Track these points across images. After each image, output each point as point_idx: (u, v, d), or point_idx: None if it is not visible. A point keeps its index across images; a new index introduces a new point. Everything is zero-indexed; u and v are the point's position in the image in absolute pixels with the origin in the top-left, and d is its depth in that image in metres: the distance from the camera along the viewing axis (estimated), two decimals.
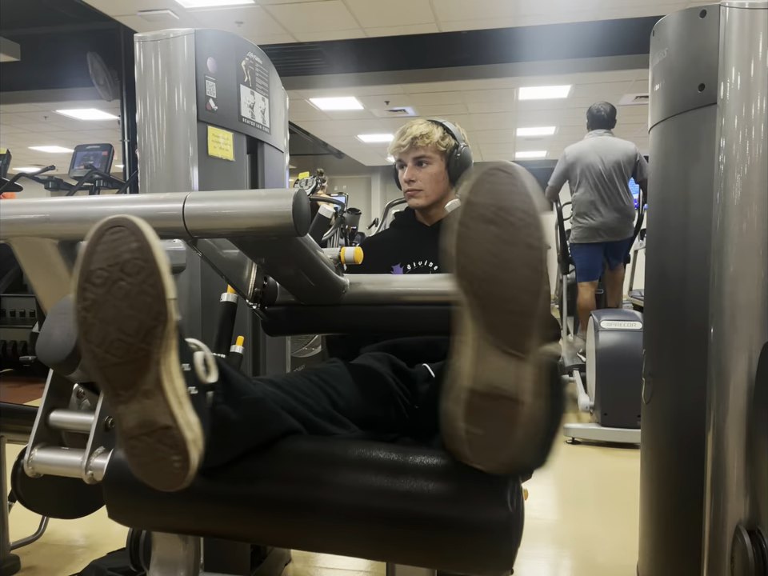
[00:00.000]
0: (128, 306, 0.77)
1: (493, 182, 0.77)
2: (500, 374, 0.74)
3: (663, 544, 1.61)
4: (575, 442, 3.30)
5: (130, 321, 0.77)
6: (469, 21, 5.55)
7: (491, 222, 0.76)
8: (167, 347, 0.79)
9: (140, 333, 0.77)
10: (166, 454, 0.80)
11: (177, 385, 0.80)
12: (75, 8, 5.43)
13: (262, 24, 5.49)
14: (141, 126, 1.47)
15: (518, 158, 12.17)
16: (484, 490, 0.86)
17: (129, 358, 0.78)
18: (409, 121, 1.69)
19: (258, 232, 0.93)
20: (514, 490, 0.87)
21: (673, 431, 1.55)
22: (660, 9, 4.54)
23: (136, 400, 0.79)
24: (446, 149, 1.65)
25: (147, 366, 0.78)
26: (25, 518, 2.05)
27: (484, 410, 0.75)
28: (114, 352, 0.78)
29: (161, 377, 0.78)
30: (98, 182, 5.13)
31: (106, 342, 0.78)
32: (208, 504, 0.95)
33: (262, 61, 1.71)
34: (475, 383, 0.75)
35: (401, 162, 1.68)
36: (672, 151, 1.52)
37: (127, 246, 0.77)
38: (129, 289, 0.77)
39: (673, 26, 1.48)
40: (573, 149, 4.14)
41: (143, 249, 0.77)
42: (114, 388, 0.80)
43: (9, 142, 9.77)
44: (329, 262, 1.23)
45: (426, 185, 1.65)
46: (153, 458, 0.80)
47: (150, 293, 0.77)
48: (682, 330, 1.49)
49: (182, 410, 0.80)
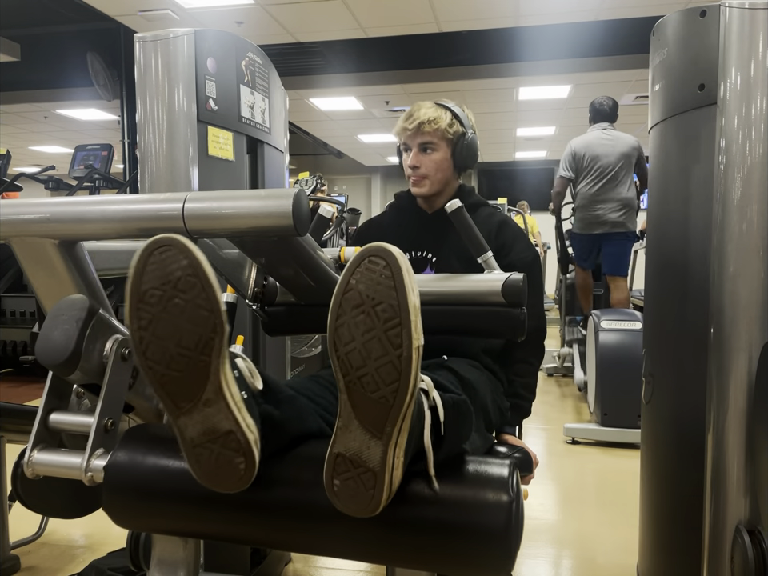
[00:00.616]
0: (186, 320, 0.81)
1: (370, 269, 0.79)
2: (359, 445, 0.81)
3: (663, 544, 1.61)
4: (575, 441, 3.30)
5: (189, 335, 0.81)
6: (469, 21, 5.55)
7: (362, 311, 0.79)
8: (223, 356, 0.82)
9: (199, 345, 0.81)
10: (232, 458, 0.84)
11: (233, 391, 0.84)
12: (75, 8, 5.43)
13: (261, 24, 5.49)
14: (141, 126, 1.47)
15: (517, 158, 12.17)
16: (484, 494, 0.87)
17: (190, 371, 0.81)
18: (417, 102, 1.63)
19: (258, 232, 0.93)
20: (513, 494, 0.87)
21: (673, 431, 1.54)
22: (660, 9, 4.54)
23: (198, 410, 0.82)
24: (453, 136, 1.59)
25: (207, 377, 0.82)
26: (25, 517, 2.05)
27: (346, 470, 0.82)
28: (175, 366, 0.81)
29: (221, 385, 0.82)
30: (98, 182, 5.13)
31: (165, 357, 0.81)
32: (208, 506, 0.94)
33: (262, 61, 1.71)
34: (340, 448, 0.82)
35: (405, 145, 1.62)
36: (672, 151, 1.52)
37: (178, 264, 0.81)
38: (184, 305, 0.81)
39: (673, 26, 1.48)
40: (579, 140, 4.13)
41: (194, 265, 0.81)
42: (175, 401, 0.83)
43: (9, 142, 9.77)
44: (329, 262, 1.23)
45: (431, 172, 1.60)
46: (218, 464, 0.84)
47: (205, 307, 0.81)
48: (681, 330, 1.49)
49: (242, 414, 0.84)
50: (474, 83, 7.07)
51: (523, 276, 1.24)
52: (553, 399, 4.29)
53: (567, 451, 3.21)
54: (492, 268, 1.29)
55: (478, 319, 1.24)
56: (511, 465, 0.92)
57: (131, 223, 0.98)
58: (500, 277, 1.23)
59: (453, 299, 1.25)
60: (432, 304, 1.25)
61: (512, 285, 1.22)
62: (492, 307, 1.23)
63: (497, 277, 1.24)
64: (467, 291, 1.25)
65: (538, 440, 3.42)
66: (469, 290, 1.25)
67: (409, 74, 6.91)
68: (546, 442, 3.37)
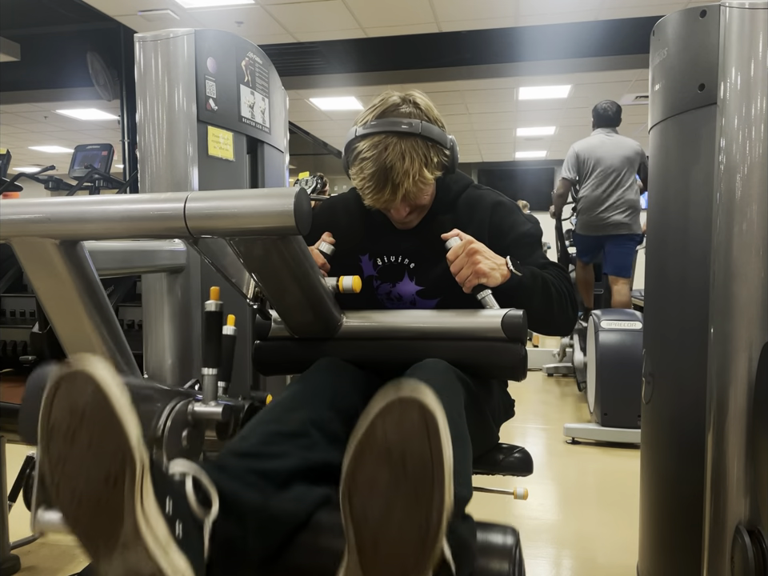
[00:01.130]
0: (92, 456, 0.72)
1: (400, 415, 0.70)
2: None
3: (663, 544, 1.61)
4: (575, 441, 3.30)
5: (96, 470, 0.73)
6: (469, 21, 5.55)
7: (387, 461, 0.70)
8: (141, 492, 0.73)
9: (109, 483, 0.73)
10: None
11: (157, 531, 0.74)
12: (75, 8, 5.42)
13: (261, 24, 5.49)
14: (141, 126, 1.47)
15: (518, 158, 12.17)
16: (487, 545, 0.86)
17: (101, 511, 0.73)
18: (373, 141, 1.23)
19: (259, 231, 0.93)
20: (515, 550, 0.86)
21: (673, 431, 1.54)
22: (660, 9, 4.54)
23: (117, 553, 0.73)
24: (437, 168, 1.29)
25: (121, 517, 0.72)
26: (25, 517, 2.05)
27: None
28: (86, 507, 0.73)
29: (138, 526, 0.73)
30: (98, 182, 5.13)
31: (76, 497, 0.73)
32: None
33: (262, 61, 1.71)
34: None
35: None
36: (672, 151, 1.52)
37: (84, 395, 0.73)
38: (90, 439, 0.72)
39: (673, 26, 1.48)
40: (582, 143, 4.14)
41: (99, 396, 0.72)
42: (93, 545, 0.74)
43: (9, 142, 9.76)
44: (328, 291, 1.21)
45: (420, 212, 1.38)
46: None
47: (112, 440, 0.72)
48: (681, 330, 1.49)
49: (168, 557, 0.74)
50: (474, 83, 7.07)
51: (522, 312, 1.21)
52: (553, 399, 4.29)
53: (567, 451, 3.21)
54: (491, 305, 1.24)
55: (477, 354, 1.22)
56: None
57: (132, 223, 0.98)
58: (499, 312, 1.22)
59: (452, 334, 1.23)
60: (431, 338, 1.24)
61: (512, 320, 1.20)
62: (492, 342, 1.21)
63: (496, 312, 1.22)
64: (466, 327, 1.23)
65: (538, 440, 3.43)
66: (468, 326, 1.23)
67: (409, 73, 6.91)
68: (546, 442, 3.37)
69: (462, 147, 10.87)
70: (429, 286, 1.39)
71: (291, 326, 1.27)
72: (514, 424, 3.03)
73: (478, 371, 1.25)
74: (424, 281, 1.40)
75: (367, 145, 1.24)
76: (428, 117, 1.27)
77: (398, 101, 1.28)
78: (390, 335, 1.27)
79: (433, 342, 1.24)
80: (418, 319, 1.28)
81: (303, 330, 1.28)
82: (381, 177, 1.23)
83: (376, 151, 1.23)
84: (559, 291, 1.33)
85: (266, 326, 1.32)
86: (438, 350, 1.22)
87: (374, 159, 1.23)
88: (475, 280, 1.23)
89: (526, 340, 1.22)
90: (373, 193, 1.26)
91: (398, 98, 1.28)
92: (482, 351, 1.22)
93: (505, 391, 1.48)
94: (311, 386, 1.15)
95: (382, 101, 1.28)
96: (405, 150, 1.22)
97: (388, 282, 1.42)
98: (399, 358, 1.25)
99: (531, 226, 1.40)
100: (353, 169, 1.29)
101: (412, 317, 1.29)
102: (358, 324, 1.28)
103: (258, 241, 1.00)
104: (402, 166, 1.22)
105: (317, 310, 1.21)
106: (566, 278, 1.40)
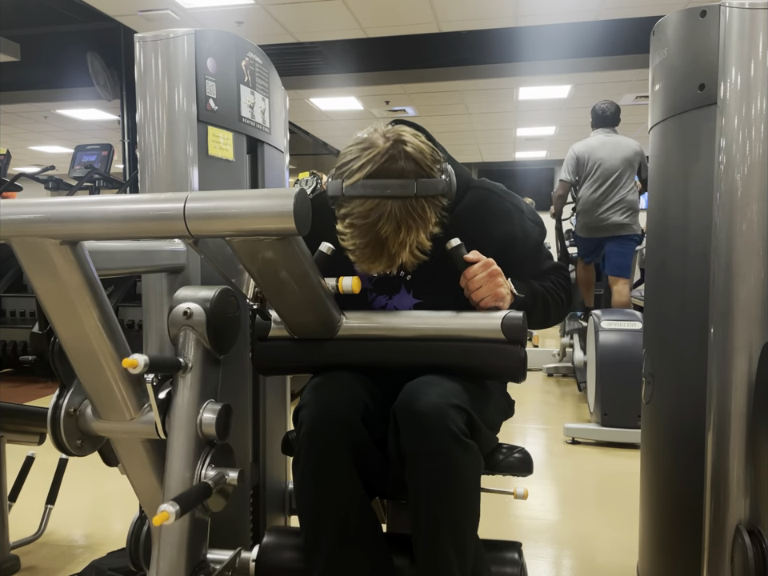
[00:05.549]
0: None
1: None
2: None
3: (663, 544, 1.61)
4: (575, 441, 3.30)
5: None
6: (469, 21, 5.55)
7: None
8: None
9: None
10: None
11: None
12: (75, 8, 5.43)
13: (262, 24, 5.49)
14: (141, 126, 1.47)
15: (518, 158, 12.17)
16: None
17: None
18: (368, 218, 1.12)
19: (259, 232, 0.93)
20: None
21: (673, 431, 1.54)
22: (660, 9, 4.54)
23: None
24: (436, 226, 1.21)
25: None
26: (25, 518, 2.05)
27: None
28: None
29: None
30: (98, 182, 5.13)
31: None
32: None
33: (262, 61, 1.70)
34: None
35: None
36: (672, 151, 1.52)
37: None
38: None
39: (673, 26, 1.48)
40: (581, 145, 4.15)
41: None
42: None
43: (9, 142, 9.77)
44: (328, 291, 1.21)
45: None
46: None
47: None
48: (681, 330, 1.49)
49: None
50: (474, 83, 7.08)
51: (523, 314, 1.22)
52: (553, 399, 4.29)
53: (567, 451, 3.21)
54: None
55: (477, 355, 1.22)
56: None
57: (132, 223, 0.98)
58: (499, 314, 1.22)
59: (452, 335, 1.24)
60: (431, 340, 1.24)
61: (511, 322, 1.21)
62: (491, 344, 1.21)
63: (496, 314, 1.22)
64: (466, 328, 1.23)
65: (538, 440, 3.43)
66: (468, 327, 1.23)
67: (409, 73, 6.91)
68: (546, 442, 3.37)
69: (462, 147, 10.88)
70: (427, 299, 1.37)
71: (291, 326, 1.27)
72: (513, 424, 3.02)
73: (478, 373, 1.25)
74: (422, 294, 1.36)
75: (358, 210, 1.13)
76: (422, 165, 1.15)
77: (387, 151, 1.14)
78: (390, 336, 1.27)
79: (433, 343, 1.24)
80: (418, 320, 1.27)
81: (303, 330, 1.28)
82: (375, 248, 1.15)
83: (369, 220, 1.12)
84: (557, 300, 1.38)
85: (266, 327, 1.32)
86: (438, 351, 1.23)
87: (368, 229, 1.13)
88: (492, 302, 1.25)
89: (525, 342, 1.22)
90: (367, 263, 1.18)
91: (387, 145, 1.15)
92: (481, 353, 1.22)
93: (504, 391, 1.48)
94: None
95: (370, 152, 1.15)
96: (401, 219, 1.12)
97: (384, 295, 1.40)
98: (399, 359, 1.25)
99: (539, 232, 1.41)
100: (340, 225, 1.17)
101: (412, 318, 1.29)
102: (357, 324, 1.28)
103: (257, 241, 1.00)
104: (397, 238, 1.13)
105: (316, 310, 1.21)
106: (565, 277, 1.44)
